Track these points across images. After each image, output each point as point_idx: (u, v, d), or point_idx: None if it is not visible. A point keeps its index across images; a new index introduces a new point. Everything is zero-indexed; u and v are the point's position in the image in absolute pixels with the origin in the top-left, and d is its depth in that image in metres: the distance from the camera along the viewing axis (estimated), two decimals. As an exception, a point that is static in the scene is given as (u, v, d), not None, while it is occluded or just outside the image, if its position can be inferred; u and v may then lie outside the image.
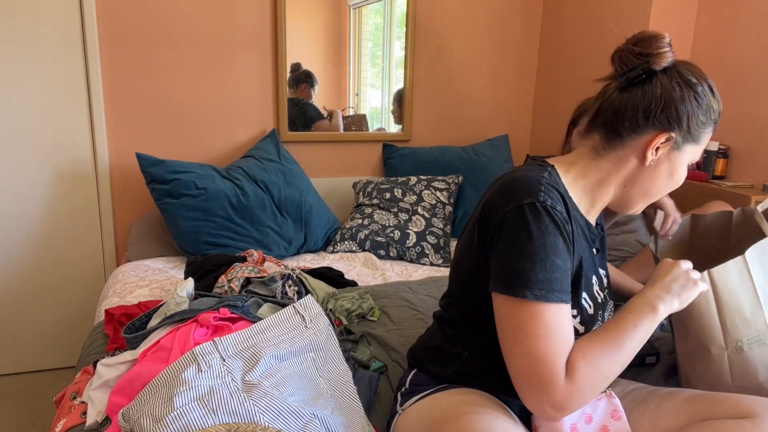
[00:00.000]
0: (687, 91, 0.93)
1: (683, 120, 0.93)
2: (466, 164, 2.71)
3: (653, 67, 0.93)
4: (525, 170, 0.97)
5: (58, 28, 2.23)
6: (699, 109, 0.93)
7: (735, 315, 1.14)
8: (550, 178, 0.96)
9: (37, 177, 2.32)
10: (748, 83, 2.14)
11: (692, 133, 0.94)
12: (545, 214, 0.89)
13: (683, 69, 0.94)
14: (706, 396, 1.02)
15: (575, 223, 0.97)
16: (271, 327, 1.25)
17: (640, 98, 0.94)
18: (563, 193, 0.96)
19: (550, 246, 0.88)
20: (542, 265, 0.88)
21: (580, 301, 0.98)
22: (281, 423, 1.02)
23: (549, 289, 0.87)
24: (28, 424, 2.13)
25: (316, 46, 2.60)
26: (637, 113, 0.94)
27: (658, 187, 0.99)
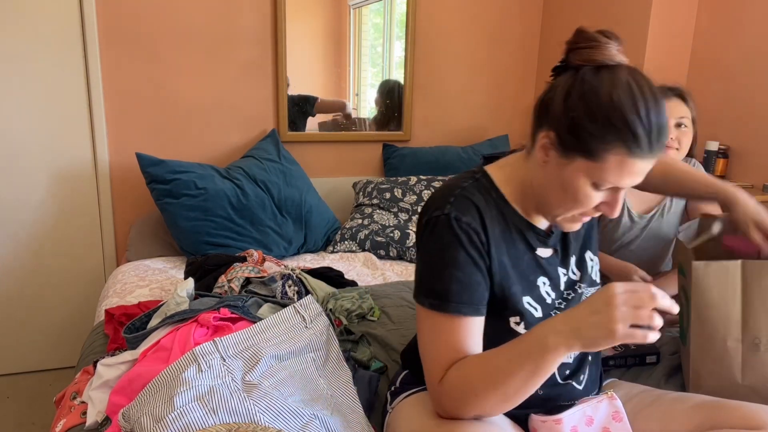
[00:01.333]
0: (579, 90, 0.84)
1: (562, 119, 0.85)
2: (466, 164, 2.70)
3: (568, 62, 0.88)
4: (450, 180, 0.99)
5: (58, 28, 2.23)
6: (587, 114, 0.82)
7: (760, 312, 1.14)
8: (476, 184, 0.96)
9: (37, 177, 2.32)
10: (748, 83, 2.14)
11: (580, 140, 0.83)
12: (447, 226, 0.92)
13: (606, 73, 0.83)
14: (717, 403, 1.00)
15: (508, 227, 0.97)
16: (271, 327, 1.25)
17: (547, 89, 0.91)
18: (496, 198, 0.96)
19: (449, 259, 0.91)
20: (439, 277, 0.92)
21: (520, 307, 0.97)
22: (281, 423, 1.02)
23: (444, 300, 0.91)
24: (28, 424, 2.13)
25: (316, 46, 2.60)
26: (538, 104, 0.92)
27: (550, 194, 0.91)
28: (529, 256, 0.99)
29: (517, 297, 0.97)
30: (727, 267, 1.15)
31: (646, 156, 0.83)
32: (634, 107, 0.81)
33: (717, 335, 1.18)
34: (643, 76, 0.85)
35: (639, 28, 2.33)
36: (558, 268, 1.04)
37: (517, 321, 0.97)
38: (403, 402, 1.09)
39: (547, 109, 0.89)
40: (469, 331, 0.92)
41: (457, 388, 0.89)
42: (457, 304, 0.91)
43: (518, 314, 0.97)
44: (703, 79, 2.33)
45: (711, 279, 1.17)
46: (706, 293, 1.18)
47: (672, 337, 1.54)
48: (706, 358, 1.20)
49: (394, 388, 1.15)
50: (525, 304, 0.98)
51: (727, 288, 1.15)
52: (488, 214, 0.94)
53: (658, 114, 0.82)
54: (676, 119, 1.61)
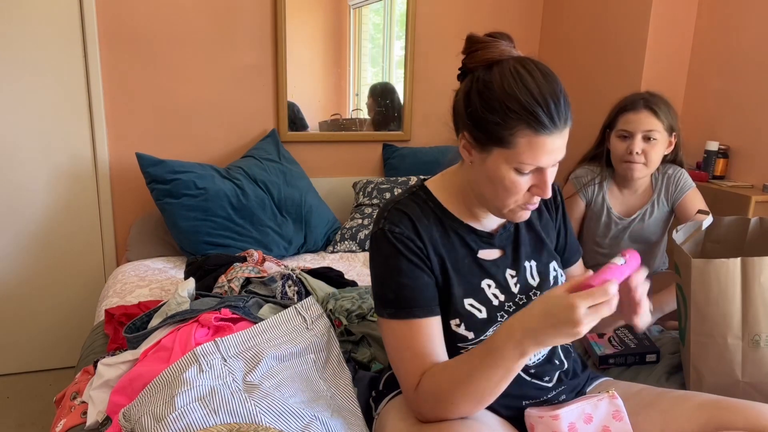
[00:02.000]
0: (475, 88, 0.92)
1: (468, 118, 0.92)
2: (466, 164, 2.70)
3: (465, 68, 0.97)
4: (389, 198, 1.06)
5: (58, 28, 2.23)
6: (486, 108, 0.88)
7: (759, 309, 1.14)
8: (412, 197, 1.01)
9: (37, 177, 2.32)
10: (748, 83, 2.14)
11: (488, 132, 0.89)
12: (384, 240, 0.97)
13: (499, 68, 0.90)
14: (720, 403, 0.99)
15: (446, 232, 1.00)
16: (272, 328, 1.25)
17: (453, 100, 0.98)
18: (434, 207, 1.01)
19: (393, 269, 0.96)
20: (388, 287, 0.97)
21: (460, 308, 0.99)
22: (282, 424, 1.02)
23: (397, 307, 0.96)
24: (28, 424, 2.13)
25: (316, 46, 2.60)
26: (452, 113, 0.98)
27: (484, 190, 0.96)
28: (470, 259, 1.02)
29: (457, 299, 0.99)
30: (727, 264, 1.15)
31: (552, 130, 0.88)
32: (525, 88, 0.87)
33: (717, 332, 1.18)
34: (532, 60, 0.91)
35: (639, 28, 2.34)
36: (507, 270, 1.04)
37: (457, 323, 0.99)
38: (388, 405, 1.09)
39: (456, 114, 0.96)
40: (428, 332, 0.96)
41: (432, 395, 0.93)
42: (409, 309, 0.95)
43: (458, 316, 0.99)
44: (703, 79, 2.33)
45: (711, 276, 1.17)
46: (706, 290, 1.18)
47: (671, 337, 1.54)
48: (706, 355, 1.21)
49: (375, 393, 1.16)
50: (467, 306, 1.00)
51: (727, 285, 1.15)
52: (422, 222, 0.99)
53: (551, 89, 0.89)
54: (643, 132, 1.59)
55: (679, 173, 1.73)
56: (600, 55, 2.58)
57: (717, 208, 2.09)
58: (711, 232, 1.45)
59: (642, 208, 1.75)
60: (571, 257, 1.18)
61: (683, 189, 1.71)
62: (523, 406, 1.04)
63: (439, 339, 0.97)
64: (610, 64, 2.52)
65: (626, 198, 1.76)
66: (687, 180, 1.72)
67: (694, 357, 1.23)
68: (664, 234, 1.80)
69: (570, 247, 1.17)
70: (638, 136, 1.59)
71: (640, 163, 1.61)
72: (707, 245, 1.46)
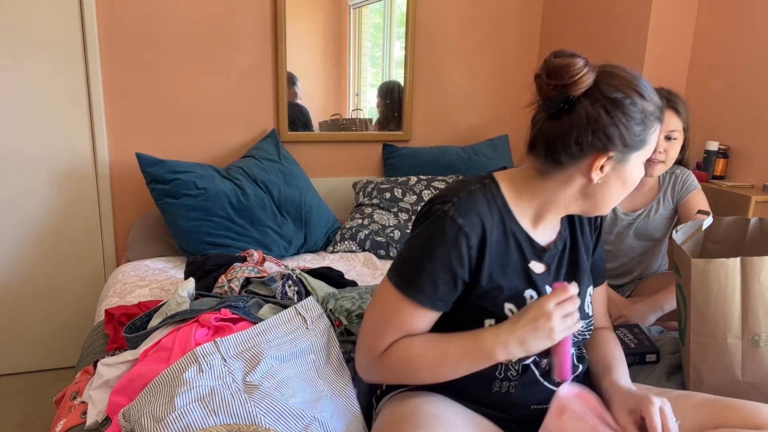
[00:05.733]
0: (613, 111, 0.90)
1: (616, 140, 0.91)
2: (466, 164, 2.71)
3: (572, 96, 0.91)
4: (459, 180, 1.03)
5: (58, 29, 2.23)
6: (631, 121, 0.91)
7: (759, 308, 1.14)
8: (483, 189, 0.98)
9: (38, 177, 2.32)
10: (748, 83, 2.14)
11: (631, 144, 0.93)
12: (442, 222, 0.94)
13: (605, 86, 0.91)
14: (719, 402, 1.00)
15: (506, 235, 0.99)
16: (272, 328, 1.25)
17: (567, 128, 0.92)
18: (501, 205, 0.99)
19: (428, 250, 0.95)
20: (413, 262, 0.96)
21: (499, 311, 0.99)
22: (282, 425, 1.02)
23: (408, 284, 0.96)
24: (28, 424, 2.13)
25: (316, 46, 2.60)
26: (569, 143, 0.92)
27: (611, 196, 0.99)
28: (520, 267, 1.01)
29: (499, 302, 0.99)
30: (727, 264, 1.15)
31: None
32: (646, 90, 0.93)
33: (717, 332, 1.18)
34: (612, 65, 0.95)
35: (639, 28, 2.34)
36: (547, 287, 1.05)
37: (491, 323, 0.99)
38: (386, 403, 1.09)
39: (576, 140, 0.92)
40: (421, 320, 0.97)
41: (399, 364, 0.97)
42: (418, 292, 0.95)
43: (495, 317, 0.99)
44: (703, 79, 2.33)
45: (711, 276, 1.17)
46: (706, 290, 1.18)
47: (671, 338, 1.54)
48: (706, 355, 1.21)
49: (380, 392, 1.15)
50: (506, 309, 0.99)
51: (727, 285, 1.15)
52: (488, 222, 0.96)
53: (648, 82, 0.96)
54: (666, 132, 1.61)
55: (687, 174, 1.76)
56: (600, 55, 2.58)
57: (717, 208, 2.09)
58: (711, 232, 1.45)
59: (648, 204, 1.77)
60: (596, 279, 1.19)
61: (688, 189, 1.73)
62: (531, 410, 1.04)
63: (427, 329, 1.00)
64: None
65: (632, 194, 1.77)
66: (693, 181, 1.75)
67: (693, 357, 1.23)
68: (668, 232, 1.81)
69: (597, 270, 1.19)
70: (662, 135, 1.61)
71: (661, 162, 1.63)
72: (707, 245, 1.46)
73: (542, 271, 1.04)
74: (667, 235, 1.81)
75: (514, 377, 1.02)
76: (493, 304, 0.98)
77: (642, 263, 1.86)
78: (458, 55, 2.86)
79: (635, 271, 1.87)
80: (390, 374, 0.99)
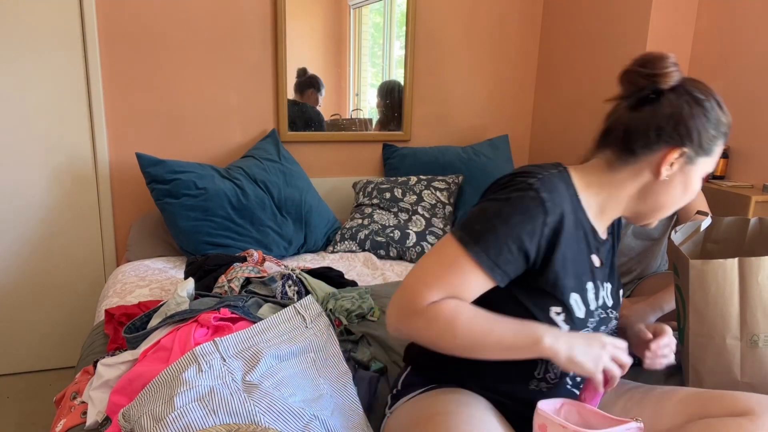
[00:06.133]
0: (695, 107, 0.95)
1: (694, 135, 0.95)
2: (466, 164, 2.71)
3: (661, 87, 0.96)
4: (533, 165, 1.02)
5: (58, 28, 2.23)
6: (708, 123, 0.95)
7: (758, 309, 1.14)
8: (559, 176, 0.99)
9: (37, 177, 2.32)
10: (748, 83, 2.14)
11: (704, 146, 0.96)
12: (526, 193, 0.93)
13: (690, 86, 0.97)
14: (704, 394, 1.03)
15: (577, 224, 0.99)
16: (271, 327, 1.25)
17: (650, 117, 0.96)
18: (572, 195, 0.99)
19: (505, 215, 0.93)
20: (485, 221, 0.93)
21: (566, 299, 0.99)
22: (282, 424, 1.02)
23: (474, 241, 0.93)
24: (28, 424, 2.13)
25: (316, 46, 2.60)
26: (650, 131, 0.96)
27: (672, 200, 1.00)
28: (585, 257, 1.02)
29: (567, 290, 0.99)
30: (725, 265, 1.15)
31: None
32: (724, 105, 0.98)
33: (715, 333, 1.18)
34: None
35: (639, 28, 2.34)
36: (603, 282, 1.07)
37: (558, 311, 0.99)
38: (402, 406, 1.09)
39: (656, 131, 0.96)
40: (473, 284, 0.94)
41: (441, 320, 0.92)
42: (482, 251, 0.92)
43: (562, 305, 0.99)
44: (703, 79, 2.33)
45: (709, 277, 1.17)
46: (704, 291, 1.18)
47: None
48: (704, 356, 1.21)
49: (396, 391, 1.15)
50: (572, 300, 1.00)
51: (725, 285, 1.15)
52: (567, 204, 0.97)
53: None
54: None
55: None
56: (600, 56, 2.58)
57: (717, 208, 2.09)
58: (710, 232, 1.45)
59: None
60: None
61: None
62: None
63: (472, 297, 0.96)
64: (610, 65, 2.51)
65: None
66: None
67: (693, 358, 1.23)
68: (667, 232, 1.81)
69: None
70: None
71: None
72: (707, 245, 1.46)
73: (598, 265, 1.06)
74: (666, 234, 1.81)
75: (552, 380, 1.04)
76: (561, 292, 0.98)
77: (641, 263, 1.86)
78: (458, 54, 2.86)
79: (635, 271, 1.88)
80: (426, 329, 0.93)
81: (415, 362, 1.15)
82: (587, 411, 0.95)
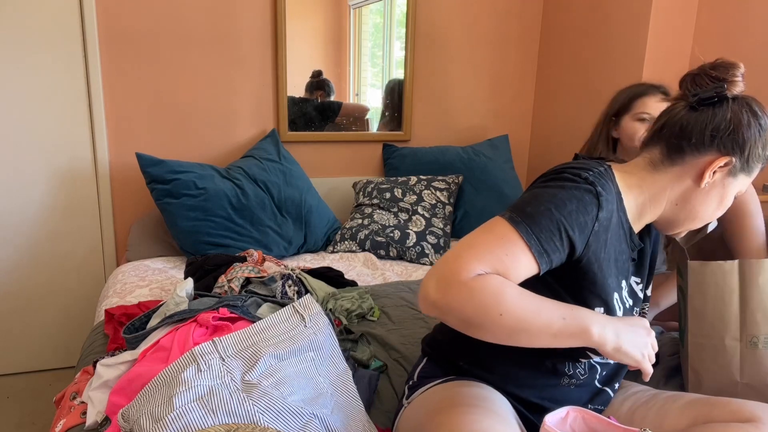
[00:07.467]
0: (754, 121, 0.96)
1: (746, 146, 0.95)
2: (466, 164, 2.71)
3: (726, 93, 0.97)
4: (580, 161, 1.02)
5: (58, 28, 2.23)
6: (760, 140, 0.96)
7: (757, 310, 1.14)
8: (606, 173, 0.98)
9: (37, 177, 2.32)
10: (748, 83, 2.14)
11: (749, 163, 0.97)
12: (578, 183, 0.92)
13: (751, 100, 0.98)
14: (709, 399, 1.03)
15: (619, 223, 0.99)
16: (270, 327, 1.25)
17: (710, 118, 0.96)
18: (616, 193, 0.98)
19: (561, 201, 0.90)
20: (537, 205, 0.90)
21: (610, 299, 0.98)
22: (281, 423, 1.02)
23: (525, 221, 0.88)
24: (28, 424, 2.13)
25: (316, 46, 2.60)
26: (705, 131, 0.96)
27: (707, 211, 1.00)
28: (625, 257, 1.02)
29: (610, 290, 0.99)
30: (724, 266, 1.15)
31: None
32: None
33: (715, 334, 1.18)
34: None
35: (639, 29, 2.33)
36: (632, 277, 1.07)
37: (601, 310, 0.98)
38: (419, 397, 1.09)
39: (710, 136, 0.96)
40: (519, 265, 0.88)
41: (488, 292, 0.84)
42: (531, 232, 0.88)
43: (604, 305, 0.98)
44: (703, 79, 2.33)
45: (708, 278, 1.17)
46: (703, 293, 1.18)
47: (671, 338, 1.54)
48: (704, 357, 1.21)
49: (412, 382, 1.15)
50: (614, 298, 1.00)
51: (724, 287, 1.15)
52: (614, 202, 0.96)
53: None
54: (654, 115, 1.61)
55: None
56: (600, 55, 2.58)
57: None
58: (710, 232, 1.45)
59: None
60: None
61: None
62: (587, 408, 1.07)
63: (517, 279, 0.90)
64: (610, 65, 2.51)
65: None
66: None
67: (692, 359, 1.23)
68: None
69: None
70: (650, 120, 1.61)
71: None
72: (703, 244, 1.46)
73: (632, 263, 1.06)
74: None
75: (582, 375, 1.05)
76: (606, 291, 0.98)
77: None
78: (458, 55, 2.86)
79: None
80: (469, 301, 0.84)
81: (434, 353, 1.15)
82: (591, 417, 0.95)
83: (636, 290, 1.08)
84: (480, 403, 0.97)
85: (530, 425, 1.07)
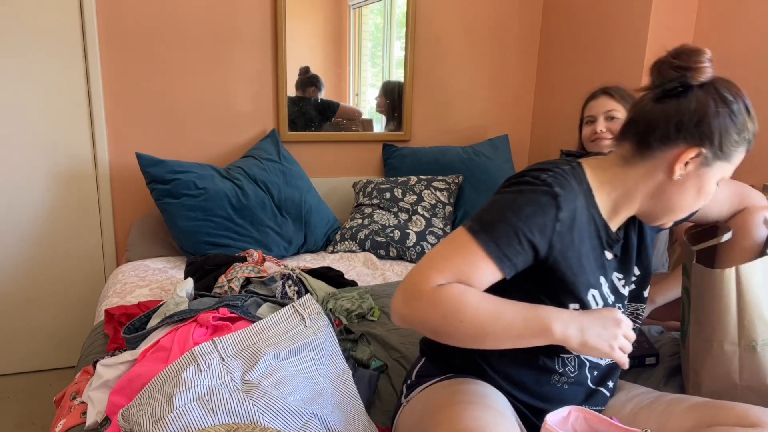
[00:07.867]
0: (722, 107, 0.91)
1: (715, 136, 0.91)
2: (466, 164, 2.71)
3: (691, 81, 0.93)
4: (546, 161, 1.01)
5: (58, 28, 2.23)
6: (733, 126, 0.92)
7: (754, 315, 1.14)
8: (572, 171, 0.97)
9: (37, 177, 2.32)
10: (748, 83, 2.14)
11: (724, 150, 0.93)
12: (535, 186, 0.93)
13: (721, 86, 0.93)
14: (714, 403, 1.02)
15: (590, 220, 0.98)
16: (270, 326, 1.25)
17: (674, 110, 0.93)
18: (586, 190, 0.98)
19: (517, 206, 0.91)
20: (495, 212, 0.92)
21: (584, 296, 0.99)
22: (281, 423, 1.02)
23: (484, 230, 0.91)
24: (28, 424, 2.13)
25: (316, 46, 2.60)
26: (669, 125, 0.93)
27: (685, 202, 0.97)
28: (598, 253, 1.01)
29: (582, 286, 0.98)
30: (723, 271, 1.15)
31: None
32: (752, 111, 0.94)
33: (714, 338, 1.18)
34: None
35: (639, 28, 2.33)
36: (614, 273, 1.06)
37: (576, 307, 0.99)
38: (418, 396, 1.09)
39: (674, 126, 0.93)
40: (481, 273, 0.91)
41: (449, 303, 0.88)
42: (490, 240, 0.90)
43: (579, 302, 0.99)
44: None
45: (708, 282, 1.17)
46: (703, 296, 1.18)
47: (671, 338, 1.54)
48: (704, 359, 1.21)
49: (410, 381, 1.15)
50: (589, 295, 1.00)
51: (723, 291, 1.15)
52: (579, 200, 0.96)
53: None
54: (604, 113, 1.69)
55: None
56: (600, 56, 2.58)
57: (717, 208, 2.09)
58: None
59: None
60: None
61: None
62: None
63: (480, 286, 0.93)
64: (610, 64, 2.51)
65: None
66: None
67: (693, 360, 1.23)
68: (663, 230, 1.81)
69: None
70: (600, 117, 1.69)
71: (607, 139, 1.69)
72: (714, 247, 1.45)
73: (610, 258, 1.05)
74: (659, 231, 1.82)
75: (572, 373, 1.05)
76: (578, 289, 0.98)
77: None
78: (458, 55, 2.85)
79: None
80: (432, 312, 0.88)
81: (431, 352, 1.15)
82: (593, 417, 0.95)
83: (617, 286, 1.07)
84: (478, 399, 0.97)
85: (530, 425, 1.07)
